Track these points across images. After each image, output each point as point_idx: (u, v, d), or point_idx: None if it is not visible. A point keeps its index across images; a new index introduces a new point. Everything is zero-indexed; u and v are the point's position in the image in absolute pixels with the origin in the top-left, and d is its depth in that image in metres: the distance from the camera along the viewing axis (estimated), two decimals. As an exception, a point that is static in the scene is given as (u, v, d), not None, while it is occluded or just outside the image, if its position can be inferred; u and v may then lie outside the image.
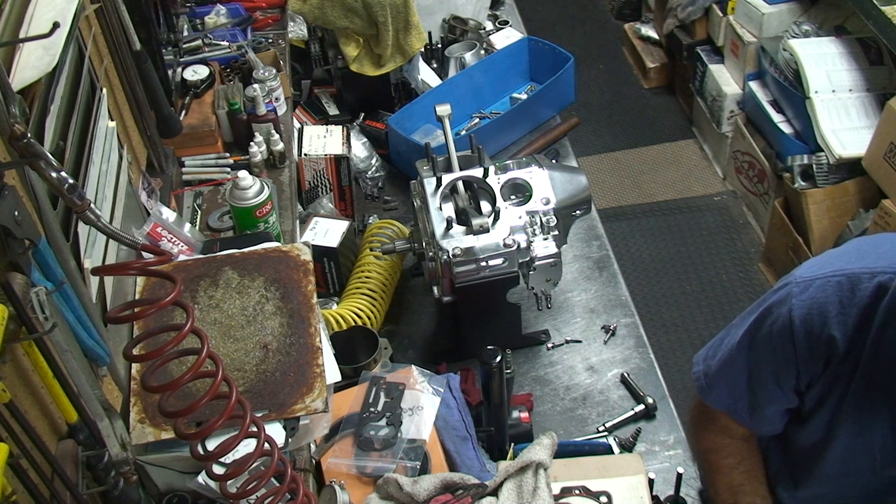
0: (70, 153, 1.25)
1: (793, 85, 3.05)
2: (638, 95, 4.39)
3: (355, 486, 1.49)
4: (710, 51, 3.76)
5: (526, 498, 1.39)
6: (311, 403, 1.31)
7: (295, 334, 1.39)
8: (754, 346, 1.26)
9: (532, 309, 1.93)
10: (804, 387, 1.24)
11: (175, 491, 1.29)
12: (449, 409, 1.59)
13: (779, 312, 1.19)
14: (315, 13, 2.38)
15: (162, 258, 0.93)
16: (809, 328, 1.16)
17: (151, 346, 0.91)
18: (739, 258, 3.47)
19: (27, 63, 1.03)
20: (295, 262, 1.51)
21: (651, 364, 1.88)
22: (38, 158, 0.88)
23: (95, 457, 1.07)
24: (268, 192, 1.71)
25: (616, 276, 2.09)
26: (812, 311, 1.15)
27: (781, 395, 1.27)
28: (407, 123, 2.37)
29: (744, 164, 3.51)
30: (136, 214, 1.61)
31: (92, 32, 1.50)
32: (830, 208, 2.90)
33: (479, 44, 2.61)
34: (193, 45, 2.26)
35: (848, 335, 1.14)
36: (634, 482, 1.49)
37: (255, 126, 1.99)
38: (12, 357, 0.96)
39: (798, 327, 1.17)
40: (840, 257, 1.19)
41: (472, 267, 1.69)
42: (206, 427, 0.96)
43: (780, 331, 1.19)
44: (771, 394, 1.28)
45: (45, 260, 1.00)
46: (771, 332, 1.21)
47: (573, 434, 1.75)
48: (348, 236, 2.03)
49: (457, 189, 1.79)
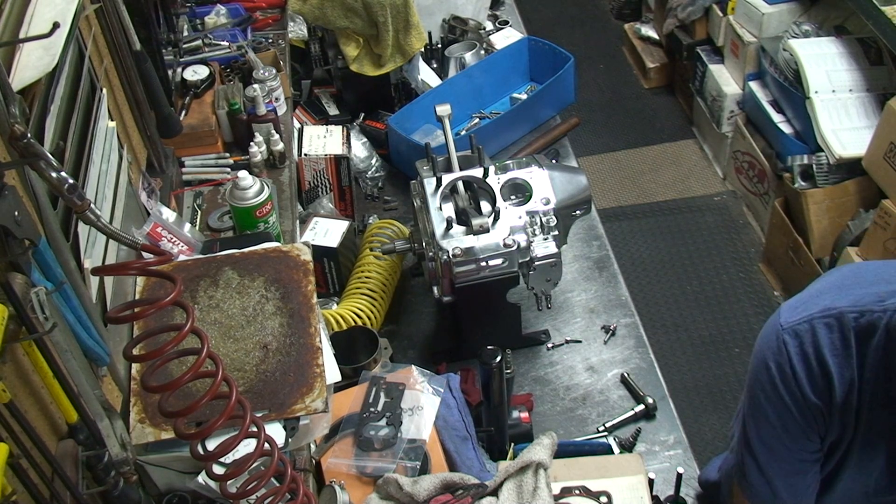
0: (70, 153, 1.25)
1: (793, 85, 3.05)
2: (638, 95, 4.39)
3: (355, 486, 1.49)
4: (710, 51, 3.76)
5: (526, 498, 1.39)
6: (311, 403, 1.31)
7: (295, 334, 1.39)
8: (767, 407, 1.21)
9: (532, 309, 1.93)
10: (822, 434, 1.22)
11: (175, 491, 1.29)
12: (449, 409, 1.59)
13: (779, 362, 1.17)
14: (315, 13, 2.38)
15: (162, 258, 0.93)
16: (810, 373, 1.15)
17: (151, 346, 0.91)
18: (739, 258, 3.47)
19: (27, 63, 1.03)
20: (295, 262, 1.51)
21: (651, 364, 1.88)
22: (38, 158, 0.88)
23: (95, 457, 1.07)
24: (268, 192, 1.71)
25: (616, 276, 2.09)
26: (809, 357, 1.14)
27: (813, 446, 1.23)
28: (407, 123, 2.37)
29: (744, 164, 3.51)
30: (136, 214, 1.61)
31: (92, 32, 1.50)
32: (830, 208, 2.91)
33: (479, 44, 2.61)
34: (193, 45, 2.26)
35: (846, 375, 1.13)
36: (634, 482, 1.50)
37: (255, 126, 1.99)
38: (12, 357, 0.96)
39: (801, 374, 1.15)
40: (823, 294, 1.17)
41: (472, 267, 1.68)
42: (206, 427, 0.96)
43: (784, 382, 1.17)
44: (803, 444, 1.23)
45: (45, 260, 1.00)
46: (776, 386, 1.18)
47: (573, 434, 1.75)
48: (348, 236, 2.03)
49: (457, 189, 1.79)
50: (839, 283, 1.19)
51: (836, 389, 1.14)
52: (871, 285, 1.13)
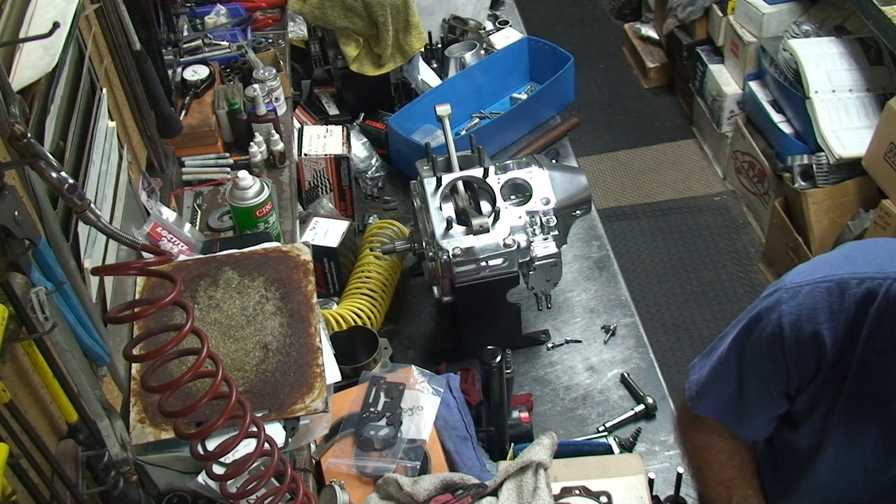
0: (70, 153, 1.25)
1: (793, 85, 3.05)
2: (638, 95, 4.39)
3: (355, 486, 1.49)
4: (710, 51, 3.76)
5: (526, 498, 1.39)
6: (311, 403, 1.31)
7: (295, 334, 1.39)
8: (744, 354, 1.25)
9: (532, 309, 1.93)
10: (794, 391, 1.24)
11: (175, 491, 1.29)
12: (449, 409, 1.59)
13: (768, 319, 1.19)
14: (315, 13, 2.38)
15: (162, 258, 0.93)
16: (799, 334, 1.16)
17: (151, 346, 0.91)
18: (739, 258, 3.47)
19: (27, 63, 1.03)
20: (295, 262, 1.51)
21: (651, 364, 1.88)
22: (38, 158, 0.88)
23: (95, 457, 1.07)
24: (268, 192, 1.71)
25: (616, 276, 2.09)
26: (801, 318, 1.15)
27: (770, 402, 1.27)
28: (407, 123, 2.37)
29: (744, 164, 3.51)
30: (136, 214, 1.61)
31: (92, 32, 1.50)
32: (830, 208, 2.91)
33: (479, 44, 2.61)
34: (193, 45, 2.26)
35: (838, 341, 1.14)
36: (634, 482, 1.50)
37: (255, 126, 1.99)
38: (12, 357, 0.96)
39: (788, 333, 1.16)
40: (829, 262, 1.18)
41: (472, 267, 1.68)
42: (206, 427, 0.96)
43: (770, 337, 1.19)
44: (760, 401, 1.27)
45: (45, 260, 1.00)
46: (760, 338, 1.20)
47: (573, 434, 1.75)
48: (348, 236, 2.03)
49: (457, 189, 1.79)
50: (847, 254, 1.20)
51: (826, 352, 1.14)
52: (878, 258, 1.14)
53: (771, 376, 1.22)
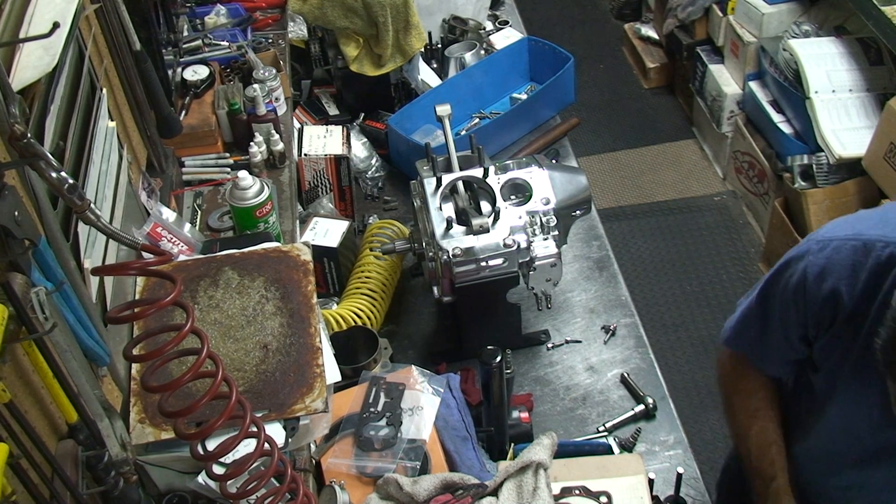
0: (70, 153, 1.25)
1: (793, 85, 3.05)
2: (638, 95, 4.39)
3: (355, 486, 1.49)
4: (710, 51, 3.76)
5: (526, 498, 1.39)
6: (311, 403, 1.31)
7: (295, 334, 1.39)
8: (771, 296, 1.33)
9: (532, 309, 1.93)
10: (812, 338, 1.29)
11: (175, 491, 1.29)
12: (449, 409, 1.59)
13: (795, 267, 1.25)
14: (315, 13, 2.38)
15: (162, 258, 0.93)
16: (820, 286, 1.21)
17: (151, 346, 0.91)
18: (739, 258, 3.47)
19: (27, 63, 1.03)
20: (295, 262, 1.51)
21: (651, 364, 1.88)
22: (38, 158, 0.88)
23: (95, 457, 1.07)
24: (268, 192, 1.71)
25: (616, 276, 2.09)
26: (825, 271, 1.20)
27: (788, 346, 1.33)
28: (407, 123, 2.37)
29: (744, 164, 3.52)
30: (136, 214, 1.61)
31: (92, 32, 1.50)
32: (830, 208, 2.91)
33: (479, 44, 2.61)
34: (193, 45, 2.26)
35: (855, 297, 1.18)
36: (634, 482, 1.50)
37: (255, 126, 1.99)
38: (12, 357, 0.96)
39: (811, 284, 1.22)
40: (864, 221, 1.23)
41: (472, 267, 1.68)
42: (206, 427, 0.96)
43: (795, 285, 1.25)
44: (779, 342, 1.34)
45: (45, 260, 1.00)
46: (787, 284, 1.27)
47: (573, 434, 1.75)
48: (348, 236, 2.03)
49: (457, 189, 1.79)
50: (884, 214, 1.25)
51: (843, 308, 1.19)
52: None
53: (792, 321, 1.29)
